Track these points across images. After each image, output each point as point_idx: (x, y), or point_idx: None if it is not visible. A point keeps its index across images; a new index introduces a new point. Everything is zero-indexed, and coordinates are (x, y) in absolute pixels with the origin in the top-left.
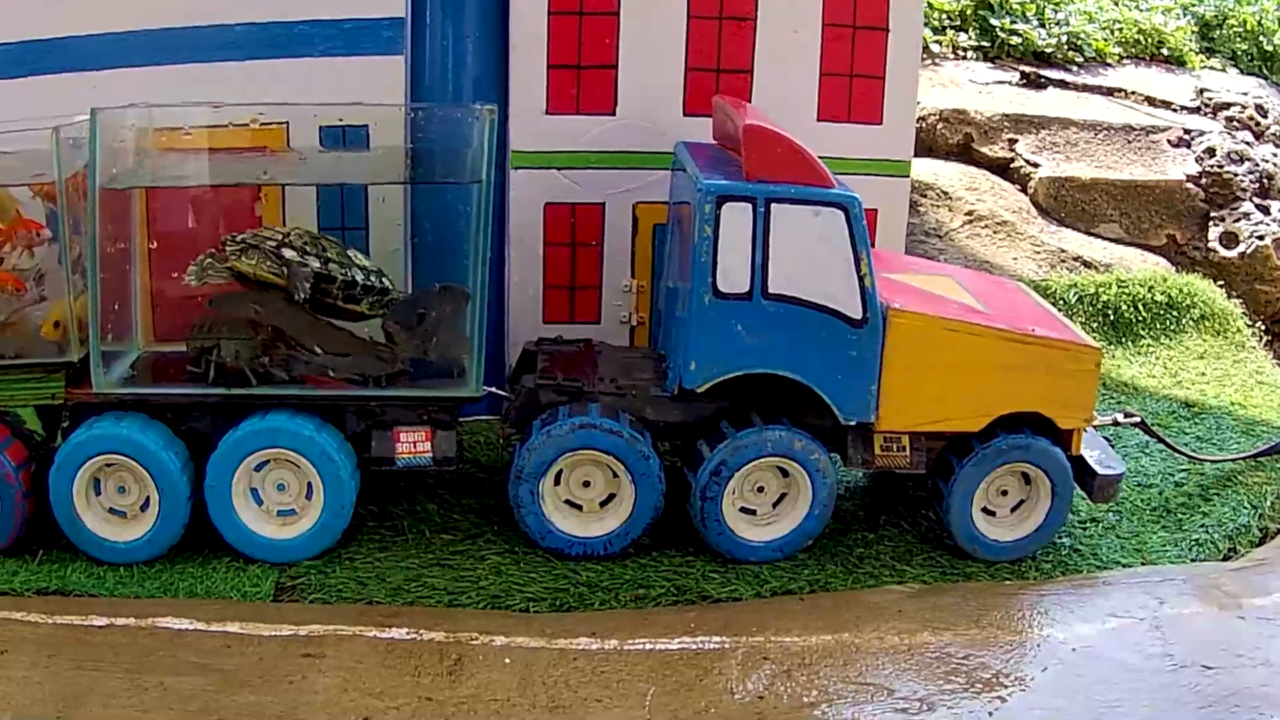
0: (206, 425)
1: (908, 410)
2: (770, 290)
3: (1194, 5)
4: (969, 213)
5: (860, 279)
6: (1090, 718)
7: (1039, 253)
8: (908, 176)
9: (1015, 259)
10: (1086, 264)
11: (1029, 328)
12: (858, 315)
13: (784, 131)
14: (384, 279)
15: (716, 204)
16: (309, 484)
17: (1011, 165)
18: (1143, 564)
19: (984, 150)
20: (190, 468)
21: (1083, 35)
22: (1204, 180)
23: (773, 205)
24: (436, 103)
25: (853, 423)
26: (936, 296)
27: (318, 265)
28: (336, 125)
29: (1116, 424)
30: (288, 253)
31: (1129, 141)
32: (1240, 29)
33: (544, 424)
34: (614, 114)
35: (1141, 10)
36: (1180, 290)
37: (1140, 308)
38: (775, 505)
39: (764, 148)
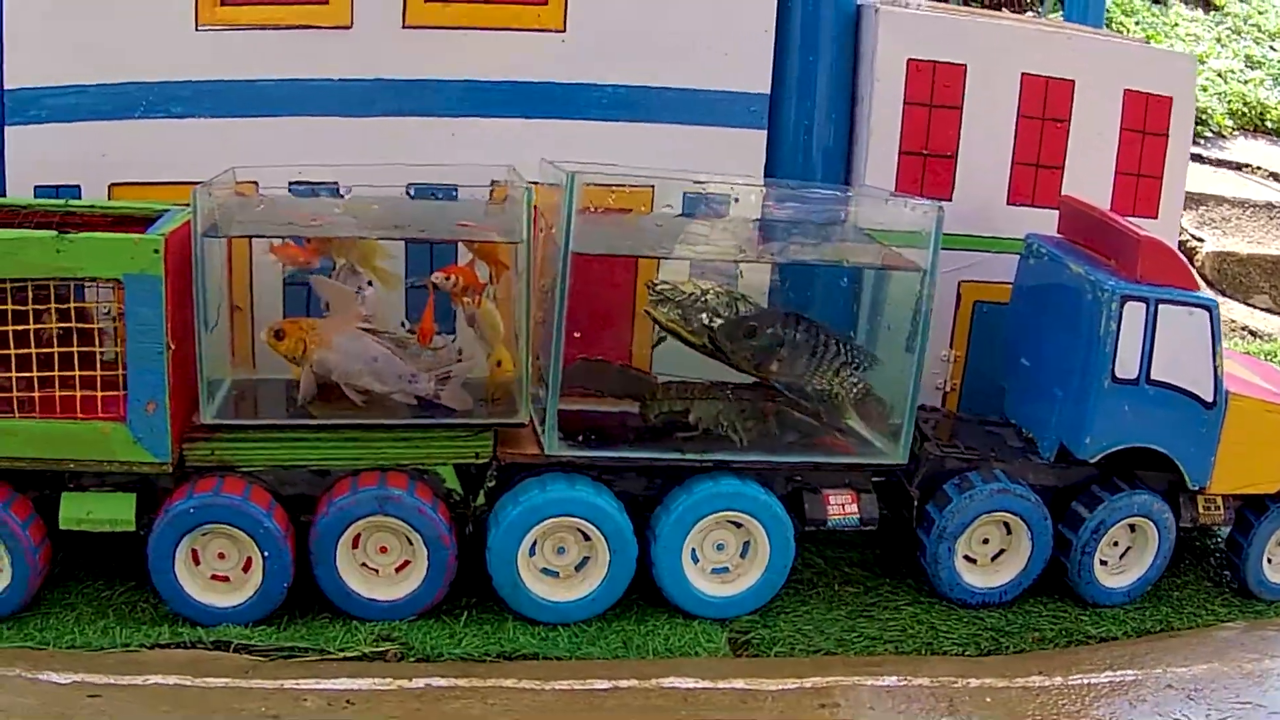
0: (639, 487)
1: (1229, 477)
2: (1152, 377)
3: None
4: None
5: (1215, 369)
6: None
7: None
8: None
9: None
10: (1253, 333)
11: None
12: (1210, 399)
13: (1170, 243)
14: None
15: (1120, 303)
16: (745, 543)
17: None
18: None
19: None
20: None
21: (1209, 111)
22: None
23: (1160, 305)
24: (808, 181)
25: (1196, 488)
26: (1244, 380)
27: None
28: (699, 192)
29: None
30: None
31: (1270, 218)
32: None
33: (960, 488)
34: (950, 199)
35: (1241, 83)
36: None
37: None
38: (1122, 557)
39: (1157, 256)
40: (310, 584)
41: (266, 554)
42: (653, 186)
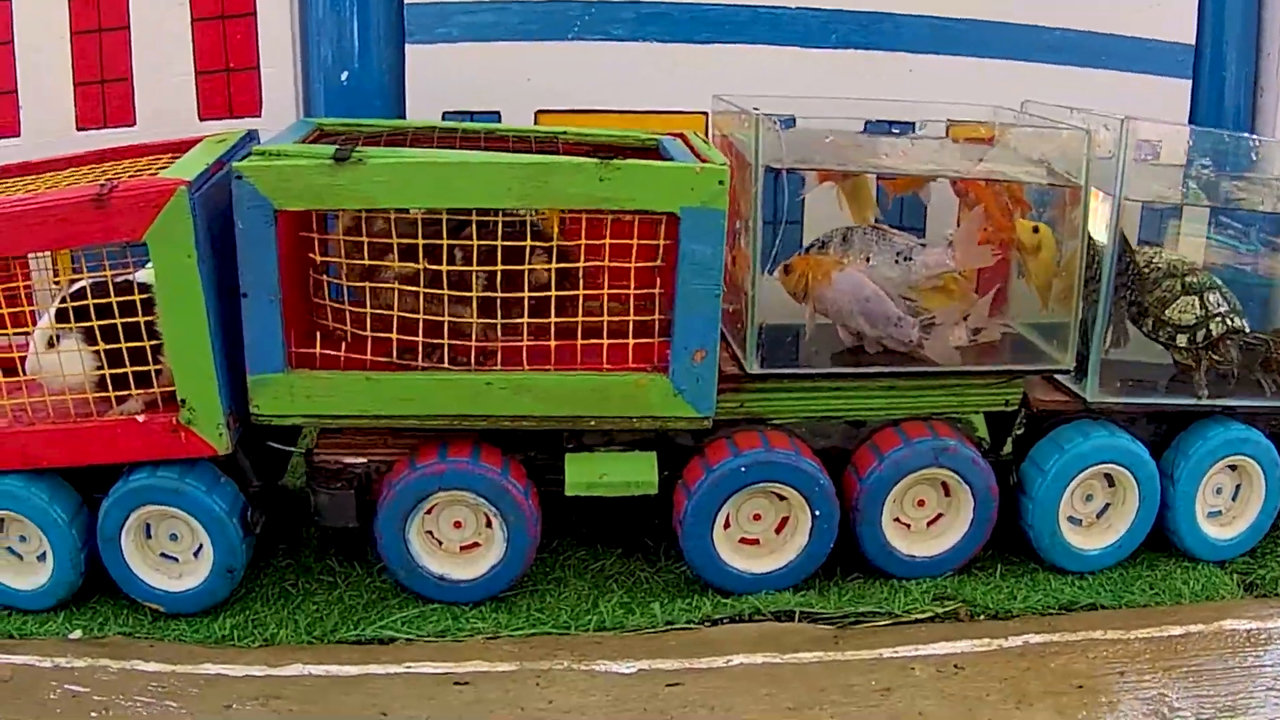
0: (1147, 433)
1: None
2: None
3: None
4: None
5: None
6: None
7: None
8: None
9: None
10: None
11: None
12: None
13: None
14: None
15: None
16: (1236, 486)
17: None
18: None
19: None
20: None
21: None
22: None
23: None
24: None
25: None
26: None
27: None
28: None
29: None
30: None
31: None
32: None
33: None
34: None
35: None
36: None
37: None
38: None
39: None
40: None
41: (818, 513)
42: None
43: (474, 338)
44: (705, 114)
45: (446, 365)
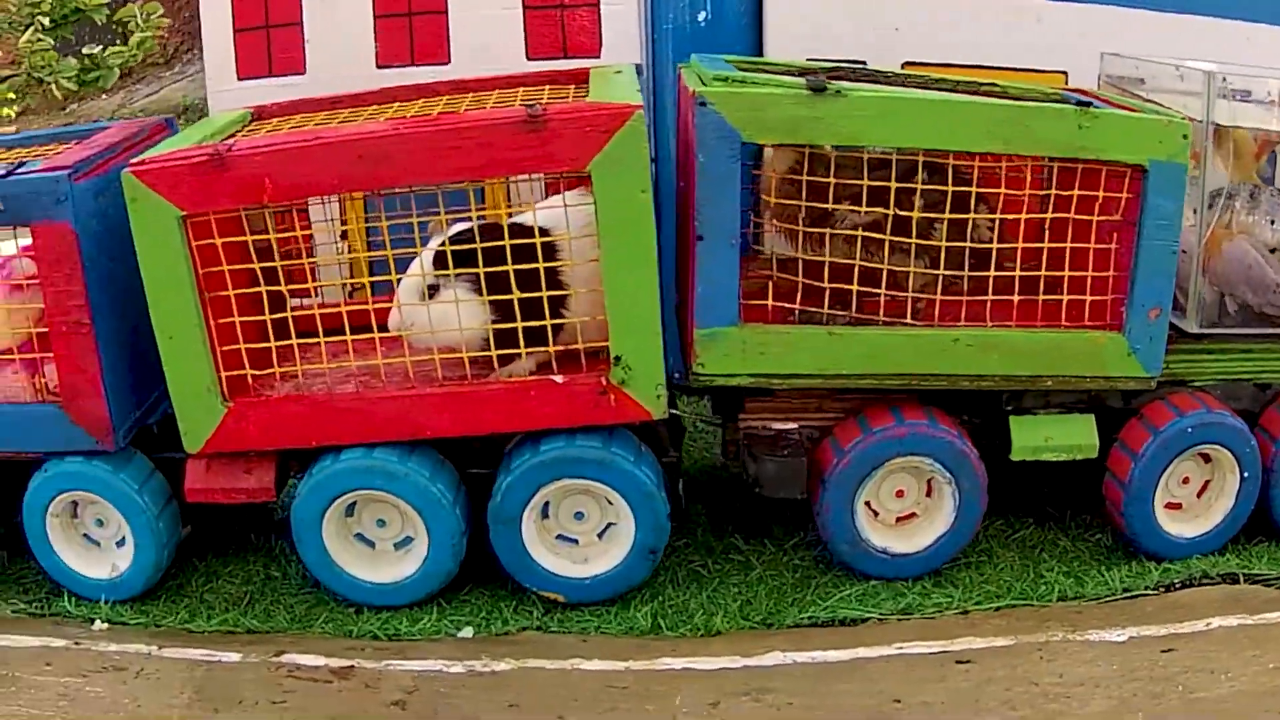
0: None
1: None
2: None
3: None
4: None
5: None
6: None
7: None
8: None
9: None
10: None
11: None
12: None
13: None
14: None
15: None
16: None
17: None
18: None
19: None
20: None
21: None
22: None
23: None
24: None
25: None
26: None
27: None
28: None
29: None
30: None
31: None
32: None
33: None
34: None
35: None
36: None
37: None
38: None
39: None
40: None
41: (1246, 475)
42: None
43: (938, 291)
44: (1064, 73)
45: (909, 320)
